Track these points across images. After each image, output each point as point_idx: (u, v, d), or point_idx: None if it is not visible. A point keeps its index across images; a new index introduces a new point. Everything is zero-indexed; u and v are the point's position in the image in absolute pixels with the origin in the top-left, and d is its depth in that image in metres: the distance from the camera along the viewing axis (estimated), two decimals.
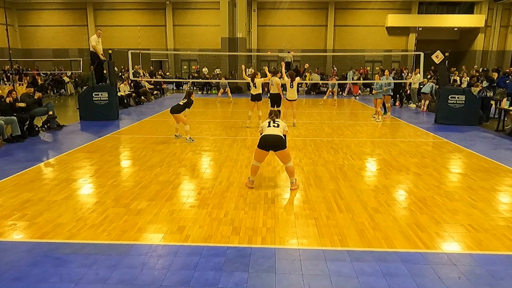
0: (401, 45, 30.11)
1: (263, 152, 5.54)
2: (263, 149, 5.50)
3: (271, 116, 5.80)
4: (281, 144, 5.48)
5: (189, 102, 8.94)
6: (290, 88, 10.85)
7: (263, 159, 5.67)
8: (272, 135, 5.48)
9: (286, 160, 5.60)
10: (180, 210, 4.85)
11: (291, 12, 29.81)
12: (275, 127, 5.60)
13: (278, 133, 5.53)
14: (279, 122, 5.73)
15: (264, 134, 5.56)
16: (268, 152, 5.55)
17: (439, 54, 12.45)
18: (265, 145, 5.48)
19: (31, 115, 9.54)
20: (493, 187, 5.88)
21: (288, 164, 5.61)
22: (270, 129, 5.58)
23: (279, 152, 5.52)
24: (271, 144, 5.48)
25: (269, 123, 5.71)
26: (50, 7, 30.69)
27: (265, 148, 5.49)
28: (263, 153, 5.54)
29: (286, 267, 3.51)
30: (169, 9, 30.23)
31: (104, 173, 6.43)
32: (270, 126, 5.63)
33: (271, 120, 5.74)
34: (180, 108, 8.82)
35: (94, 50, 12.23)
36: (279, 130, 5.60)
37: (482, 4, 28.89)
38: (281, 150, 5.50)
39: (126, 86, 16.77)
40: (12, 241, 4.05)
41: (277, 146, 5.47)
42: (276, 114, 5.84)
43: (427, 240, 4.06)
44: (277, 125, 5.65)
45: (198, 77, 25.88)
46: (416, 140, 9.57)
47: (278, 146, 5.47)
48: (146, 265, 3.53)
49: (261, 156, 5.59)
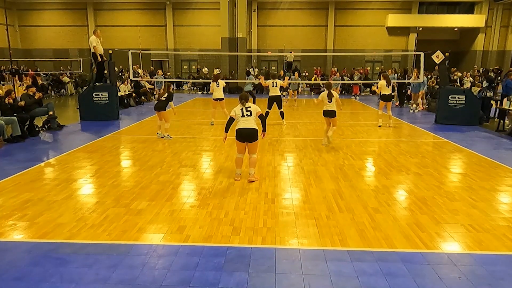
0: (401, 45, 30.11)
1: (241, 144, 5.96)
2: (239, 140, 5.93)
3: (241, 101, 6.02)
4: (254, 137, 5.92)
5: (170, 95, 9.08)
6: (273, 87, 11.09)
7: (243, 150, 6.03)
8: (247, 129, 5.86)
9: (254, 151, 6.01)
10: (181, 210, 4.85)
11: (291, 12, 29.81)
12: (248, 117, 5.92)
13: (253, 126, 5.89)
14: (251, 109, 5.97)
15: (239, 127, 5.90)
16: (245, 143, 5.96)
17: (439, 54, 12.45)
18: (241, 137, 5.91)
19: (31, 115, 9.55)
20: (494, 187, 5.88)
21: (253, 155, 6.01)
22: (245, 121, 5.90)
23: (251, 143, 5.94)
24: (246, 137, 5.90)
25: (242, 111, 5.95)
26: (50, 7, 30.71)
27: (241, 140, 5.93)
28: (241, 144, 5.97)
29: (286, 267, 3.50)
30: (169, 9, 30.24)
31: (104, 173, 6.43)
32: (244, 116, 5.93)
33: (243, 107, 5.96)
34: (163, 104, 8.97)
35: (94, 51, 12.21)
36: (253, 119, 5.94)
37: (482, 4, 28.88)
38: (253, 142, 5.94)
39: (126, 86, 16.78)
40: (12, 241, 4.05)
41: (251, 138, 5.91)
42: (246, 98, 6.05)
43: (428, 240, 4.06)
44: (249, 113, 5.93)
45: (198, 77, 25.87)
46: (416, 140, 9.57)
47: (251, 138, 5.92)
48: (146, 265, 3.53)
49: (240, 147, 6.01)
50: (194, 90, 25.24)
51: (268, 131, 10.43)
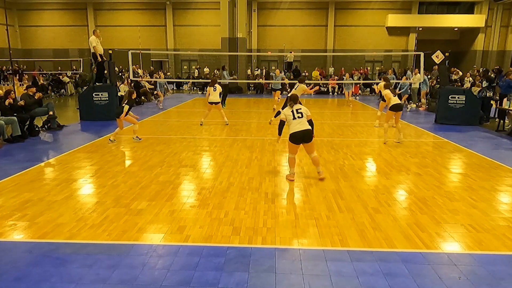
0: (401, 45, 30.11)
1: (295, 146, 5.97)
2: (294, 143, 5.93)
3: (290, 103, 6.00)
4: (310, 137, 5.92)
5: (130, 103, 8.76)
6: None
7: (297, 150, 6.05)
8: (301, 131, 5.85)
9: (312, 150, 6.03)
10: (181, 210, 4.85)
11: (291, 12, 29.81)
12: (300, 118, 5.89)
13: (306, 127, 5.88)
14: (301, 110, 5.97)
15: (294, 131, 5.86)
16: (299, 145, 5.97)
17: (439, 54, 12.47)
18: (296, 140, 5.91)
19: (31, 115, 9.54)
20: (494, 187, 5.88)
21: (313, 155, 6.04)
22: (297, 124, 5.87)
23: (307, 144, 5.96)
24: (301, 138, 5.90)
25: (292, 113, 5.93)
26: (50, 7, 30.72)
27: (296, 142, 5.94)
28: (295, 146, 5.98)
29: (286, 267, 3.50)
30: (169, 9, 30.24)
31: (104, 173, 6.43)
32: (295, 118, 5.89)
33: (293, 109, 5.95)
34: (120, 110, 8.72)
35: (94, 51, 12.21)
36: (304, 120, 5.91)
37: (482, 4, 28.88)
38: (309, 142, 5.95)
39: (126, 86, 16.76)
40: (12, 241, 4.05)
41: (307, 139, 5.92)
42: (294, 99, 6.02)
43: (428, 240, 4.06)
44: (300, 114, 5.92)
45: (198, 77, 25.87)
46: (416, 140, 9.57)
47: (307, 139, 5.92)
48: (146, 265, 3.53)
49: (294, 149, 6.00)
50: (194, 90, 25.22)
51: (271, 128, 10.47)
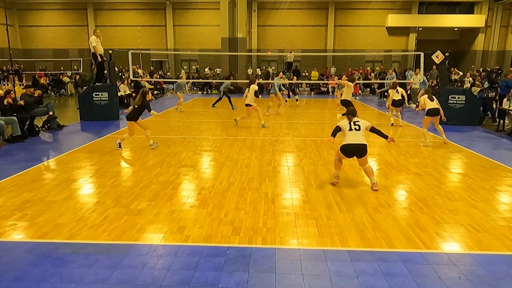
0: (401, 45, 30.13)
1: (345, 157, 5.76)
2: (345, 155, 5.70)
3: (348, 116, 5.77)
4: (364, 152, 5.61)
5: (145, 104, 7.95)
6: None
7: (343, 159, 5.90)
8: (355, 144, 5.57)
9: (364, 163, 5.71)
10: (180, 210, 4.85)
11: (291, 12, 29.83)
12: (356, 131, 5.63)
13: (362, 141, 5.60)
14: (359, 123, 5.72)
15: (347, 143, 5.63)
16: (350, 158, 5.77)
17: (439, 54, 12.47)
18: (348, 153, 5.67)
19: (31, 115, 9.54)
20: (494, 187, 5.88)
21: (366, 166, 5.71)
22: (352, 136, 5.61)
23: (360, 158, 5.67)
24: (354, 152, 5.65)
25: (349, 125, 5.69)
26: (50, 7, 30.74)
27: (347, 155, 5.70)
28: (345, 157, 5.78)
29: (286, 267, 3.50)
30: (169, 9, 30.26)
31: (104, 173, 6.43)
32: (351, 130, 5.65)
33: (350, 121, 5.71)
34: (136, 114, 7.95)
35: (94, 51, 12.21)
36: (361, 133, 5.64)
37: (482, 4, 28.90)
38: (362, 157, 5.65)
39: (126, 86, 16.76)
40: (12, 241, 4.04)
41: (360, 154, 5.63)
42: (353, 113, 5.77)
43: (428, 240, 4.06)
44: (358, 127, 5.67)
45: (198, 77, 25.86)
46: (416, 140, 9.56)
47: (360, 154, 5.63)
48: (146, 265, 3.52)
49: (343, 157, 5.79)
50: (194, 90, 25.22)
51: (270, 128, 10.46)
